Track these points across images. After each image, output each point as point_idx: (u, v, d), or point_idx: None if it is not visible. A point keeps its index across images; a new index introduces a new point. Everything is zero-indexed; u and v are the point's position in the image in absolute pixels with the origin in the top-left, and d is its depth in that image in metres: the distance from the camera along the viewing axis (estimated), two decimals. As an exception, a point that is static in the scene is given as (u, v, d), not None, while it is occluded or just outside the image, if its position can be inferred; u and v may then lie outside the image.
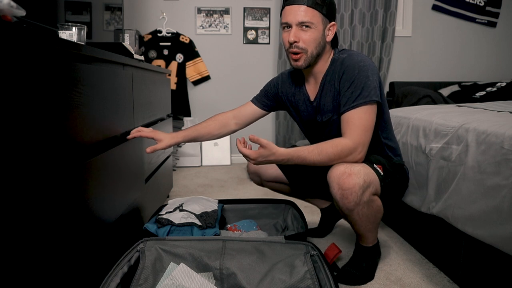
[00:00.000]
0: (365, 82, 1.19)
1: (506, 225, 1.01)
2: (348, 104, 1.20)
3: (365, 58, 1.24)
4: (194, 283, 1.03)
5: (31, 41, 0.66)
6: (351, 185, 1.15)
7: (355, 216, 1.22)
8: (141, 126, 1.50)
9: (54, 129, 0.74)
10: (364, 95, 1.19)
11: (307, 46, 1.23)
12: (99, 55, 1.01)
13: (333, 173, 1.19)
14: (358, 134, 1.18)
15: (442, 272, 1.38)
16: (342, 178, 1.16)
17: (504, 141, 1.06)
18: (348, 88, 1.21)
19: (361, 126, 1.19)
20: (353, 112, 1.20)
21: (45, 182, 0.70)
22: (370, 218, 1.24)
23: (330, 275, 1.11)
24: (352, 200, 1.17)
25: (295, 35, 1.22)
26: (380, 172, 1.25)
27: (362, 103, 1.18)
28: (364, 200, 1.18)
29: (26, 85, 0.64)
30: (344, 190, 1.16)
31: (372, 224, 1.27)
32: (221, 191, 2.49)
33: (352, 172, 1.16)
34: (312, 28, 1.21)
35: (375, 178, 1.22)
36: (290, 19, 1.22)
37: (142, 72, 1.55)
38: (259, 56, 3.33)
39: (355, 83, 1.20)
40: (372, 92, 1.19)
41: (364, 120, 1.19)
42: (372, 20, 3.24)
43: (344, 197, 1.17)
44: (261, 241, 1.25)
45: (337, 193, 1.18)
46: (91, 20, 1.78)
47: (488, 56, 3.56)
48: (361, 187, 1.16)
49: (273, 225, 1.63)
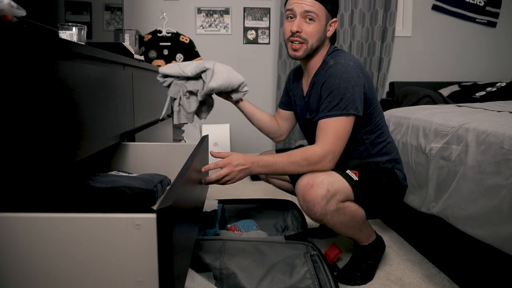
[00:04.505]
0: (344, 94, 1.18)
1: (506, 225, 1.01)
2: (324, 112, 1.20)
3: (350, 69, 1.21)
4: (194, 283, 1.03)
5: (32, 41, 0.66)
6: (313, 196, 1.15)
7: (329, 224, 1.21)
8: (141, 126, 1.50)
9: (54, 129, 0.74)
10: (340, 107, 1.18)
11: (308, 38, 1.24)
12: (99, 55, 1.01)
13: (298, 185, 1.20)
14: (330, 142, 1.18)
15: (442, 272, 1.38)
16: (305, 190, 1.16)
17: (504, 141, 1.06)
18: (327, 97, 1.20)
19: (333, 135, 1.18)
20: (328, 120, 1.19)
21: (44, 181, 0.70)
22: (347, 223, 1.22)
23: (330, 275, 1.11)
24: (317, 211, 1.16)
25: (299, 26, 1.22)
26: (353, 178, 1.21)
27: (337, 114, 1.18)
28: (330, 209, 1.16)
29: (26, 85, 0.64)
30: (307, 202, 1.16)
31: (351, 229, 1.25)
32: (221, 191, 2.49)
33: (315, 183, 1.15)
34: (316, 21, 1.23)
35: (343, 185, 1.18)
36: (296, 7, 1.22)
37: (142, 72, 1.55)
38: (259, 56, 3.33)
39: (334, 93, 1.19)
40: (350, 105, 1.18)
41: (338, 130, 1.18)
42: (372, 20, 3.23)
43: (309, 208, 1.17)
44: (261, 241, 1.25)
45: (303, 205, 1.19)
46: (91, 20, 1.78)
47: (488, 56, 3.56)
48: (323, 197, 1.14)
49: (273, 225, 1.63)
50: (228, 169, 1.13)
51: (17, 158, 0.62)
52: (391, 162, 1.35)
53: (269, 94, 3.27)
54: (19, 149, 0.62)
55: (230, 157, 1.15)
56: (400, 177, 1.33)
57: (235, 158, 1.15)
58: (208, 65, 1.29)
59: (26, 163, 0.64)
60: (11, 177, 0.60)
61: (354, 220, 1.23)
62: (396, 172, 1.33)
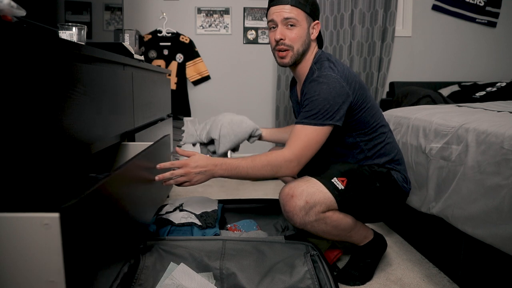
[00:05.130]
0: (323, 105, 1.18)
1: (506, 225, 1.01)
2: (300, 119, 1.21)
3: (332, 80, 1.20)
4: (194, 283, 1.03)
5: (32, 41, 0.66)
6: (292, 207, 1.18)
7: (313, 231, 1.22)
8: (141, 126, 1.50)
9: (54, 129, 0.74)
10: (317, 117, 1.18)
11: (293, 43, 1.26)
12: (99, 55, 1.01)
13: (280, 194, 1.24)
14: (298, 149, 1.18)
15: (442, 272, 1.38)
16: (285, 200, 1.20)
17: (504, 141, 1.06)
18: (307, 105, 1.21)
19: (304, 142, 1.18)
20: (302, 126, 1.19)
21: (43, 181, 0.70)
22: (329, 232, 1.22)
23: (330, 275, 1.11)
24: (296, 221, 1.19)
25: (281, 33, 1.25)
26: (338, 187, 1.21)
27: (312, 123, 1.18)
28: (310, 220, 1.17)
29: (26, 85, 0.64)
30: (287, 212, 1.20)
31: (336, 236, 1.26)
32: (221, 191, 2.49)
33: (294, 194, 1.18)
34: (297, 26, 1.25)
35: (324, 196, 1.18)
36: (276, 16, 1.25)
37: (142, 72, 1.55)
38: (259, 56, 3.32)
39: (313, 103, 1.19)
40: (327, 116, 1.18)
41: (309, 138, 1.18)
42: (372, 20, 3.23)
43: (289, 218, 1.21)
44: (261, 241, 1.25)
45: (284, 213, 1.23)
46: (91, 20, 1.78)
47: (488, 56, 3.56)
48: (301, 208, 1.16)
49: (273, 225, 1.63)
50: (184, 170, 1.14)
51: (16, 158, 0.62)
52: (390, 163, 1.33)
53: (269, 94, 3.27)
54: (15, 150, 0.62)
55: (190, 158, 1.15)
56: (398, 179, 1.31)
57: (194, 159, 1.15)
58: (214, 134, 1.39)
59: (25, 163, 0.64)
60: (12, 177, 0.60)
61: (338, 229, 1.23)
62: (394, 175, 1.30)
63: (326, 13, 3.22)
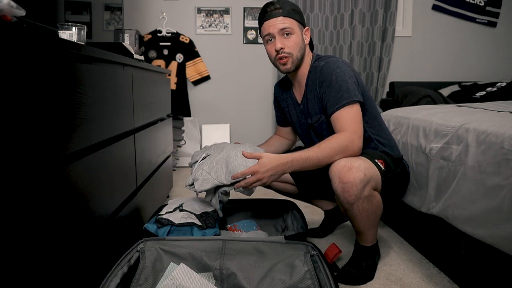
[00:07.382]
0: (345, 86, 1.27)
1: (506, 225, 1.01)
2: (334, 106, 1.28)
3: (341, 64, 1.31)
4: (194, 283, 1.03)
5: (31, 41, 0.66)
6: (352, 178, 1.18)
7: (355, 211, 1.23)
8: (141, 126, 1.50)
9: (54, 129, 0.74)
10: (346, 96, 1.27)
11: (292, 51, 1.34)
12: (99, 55, 1.00)
13: (334, 168, 1.22)
14: (351, 126, 1.25)
15: (442, 272, 1.38)
16: (342, 172, 1.19)
17: (504, 141, 1.06)
18: (330, 93, 1.29)
19: (351, 119, 1.26)
20: (341, 111, 1.27)
21: (43, 181, 0.70)
22: (370, 214, 1.26)
23: (330, 275, 1.11)
24: (352, 193, 1.19)
25: (281, 43, 1.32)
26: (382, 167, 1.28)
27: (346, 103, 1.26)
28: (364, 195, 1.20)
29: (26, 85, 0.64)
30: (344, 184, 1.19)
31: (371, 221, 1.29)
32: (221, 191, 2.49)
33: (353, 166, 1.19)
34: (293, 34, 1.33)
35: (376, 172, 1.24)
36: (272, 29, 1.32)
37: (142, 72, 1.55)
38: (259, 56, 3.32)
39: (336, 88, 1.28)
40: (353, 93, 1.27)
41: (352, 115, 1.26)
42: (372, 20, 3.24)
43: (345, 190, 1.19)
44: (261, 241, 1.25)
45: (338, 186, 1.20)
46: (91, 20, 1.78)
47: (488, 56, 3.56)
48: (361, 180, 1.18)
49: (273, 225, 1.63)
50: (256, 177, 1.18)
51: (14, 158, 0.62)
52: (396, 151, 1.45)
53: (268, 94, 3.27)
54: (19, 149, 0.62)
55: (259, 163, 1.18)
56: (406, 165, 1.46)
57: (263, 164, 1.18)
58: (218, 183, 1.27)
59: (24, 163, 0.64)
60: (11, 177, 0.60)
61: (376, 212, 1.28)
62: (404, 162, 1.44)
63: (326, 13, 3.22)
